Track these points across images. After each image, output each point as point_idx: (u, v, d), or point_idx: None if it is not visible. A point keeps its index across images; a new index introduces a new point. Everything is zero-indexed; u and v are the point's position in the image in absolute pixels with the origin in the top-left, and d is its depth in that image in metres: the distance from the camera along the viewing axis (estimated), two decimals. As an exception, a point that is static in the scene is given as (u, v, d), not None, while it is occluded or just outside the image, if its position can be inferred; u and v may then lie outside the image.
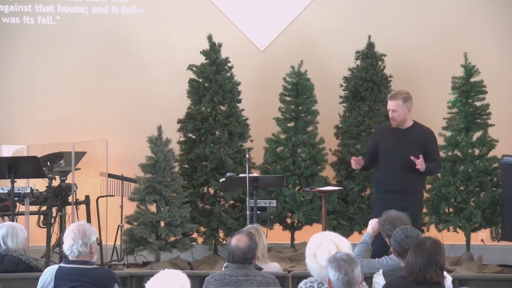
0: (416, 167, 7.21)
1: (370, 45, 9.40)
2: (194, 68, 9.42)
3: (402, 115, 7.39)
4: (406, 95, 7.43)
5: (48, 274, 5.17)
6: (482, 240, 9.46)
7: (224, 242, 9.17)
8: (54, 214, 8.78)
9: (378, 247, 6.69)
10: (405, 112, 7.40)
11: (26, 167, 8.01)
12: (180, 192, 8.82)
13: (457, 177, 9.00)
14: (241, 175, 7.79)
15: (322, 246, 4.68)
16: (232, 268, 5.16)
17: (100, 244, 8.96)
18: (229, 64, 9.49)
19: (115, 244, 9.19)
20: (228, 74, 9.44)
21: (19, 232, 6.08)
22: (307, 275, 4.83)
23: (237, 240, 5.14)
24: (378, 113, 9.29)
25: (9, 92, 10.09)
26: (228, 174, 7.91)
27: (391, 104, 7.40)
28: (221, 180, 8.06)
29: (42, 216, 8.72)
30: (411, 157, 7.24)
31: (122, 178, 9.23)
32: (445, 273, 4.98)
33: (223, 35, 9.55)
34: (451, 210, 9.09)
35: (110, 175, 9.21)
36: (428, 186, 9.16)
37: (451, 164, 9.07)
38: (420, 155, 7.24)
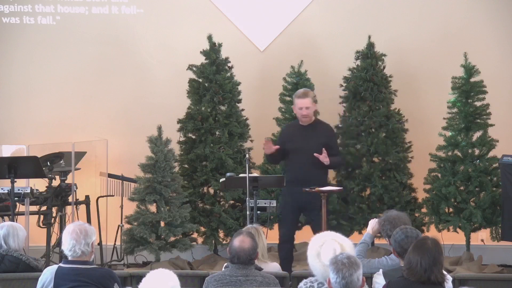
0: (322, 160, 7.84)
1: (370, 45, 9.40)
2: (194, 68, 9.42)
3: (312, 112, 8.14)
4: (313, 93, 8.23)
5: (48, 274, 5.18)
6: (482, 240, 9.46)
7: (224, 242, 9.16)
8: (54, 214, 8.77)
9: None
10: (314, 109, 8.20)
11: (26, 167, 8.01)
12: (180, 192, 8.82)
13: (457, 177, 9.00)
14: (241, 175, 7.79)
15: (326, 246, 4.65)
16: (232, 268, 5.16)
17: (100, 244, 8.97)
18: (229, 64, 9.49)
19: (115, 244, 9.19)
20: (228, 74, 9.45)
21: (19, 232, 6.09)
22: (307, 275, 4.82)
23: (241, 242, 5.14)
24: (378, 113, 9.29)
25: (9, 92, 10.09)
26: (228, 174, 7.91)
27: (305, 102, 8.08)
28: (221, 180, 8.06)
29: (42, 216, 8.71)
30: (315, 154, 7.85)
31: (122, 178, 9.22)
32: (446, 274, 4.99)
33: (223, 35, 9.55)
34: (451, 210, 9.09)
35: (110, 175, 9.21)
36: (428, 186, 9.18)
37: (451, 164, 9.07)
38: (323, 149, 7.85)
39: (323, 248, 4.65)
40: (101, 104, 10.08)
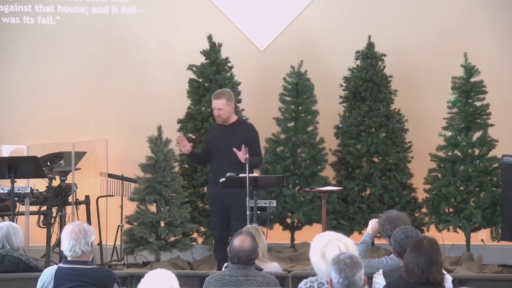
0: (239, 157, 7.81)
1: (370, 45, 9.40)
2: (194, 68, 9.42)
3: (226, 113, 8.13)
4: (229, 94, 8.20)
5: (48, 274, 5.17)
6: (482, 240, 9.46)
7: (224, 242, 9.16)
8: (54, 214, 8.77)
9: None
10: (229, 109, 8.16)
11: (26, 167, 8.01)
12: (180, 192, 8.81)
13: (457, 177, 9.00)
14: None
15: (331, 246, 4.62)
16: (232, 268, 5.16)
17: (100, 244, 8.97)
18: (229, 64, 9.50)
19: (115, 244, 9.19)
20: (228, 74, 9.45)
21: (19, 231, 6.10)
22: (307, 275, 4.82)
23: (241, 242, 5.14)
24: (378, 113, 9.30)
25: (9, 92, 10.09)
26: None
27: (216, 103, 8.13)
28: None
29: (42, 216, 8.71)
30: (234, 149, 7.87)
31: (122, 178, 9.22)
32: (445, 273, 4.98)
33: (223, 35, 9.56)
34: (451, 210, 9.09)
35: (110, 175, 9.21)
36: (428, 186, 9.18)
37: (451, 164, 9.07)
38: (243, 145, 7.80)
39: (328, 248, 4.62)
40: (101, 104, 10.08)
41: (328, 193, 8.51)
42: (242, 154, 7.82)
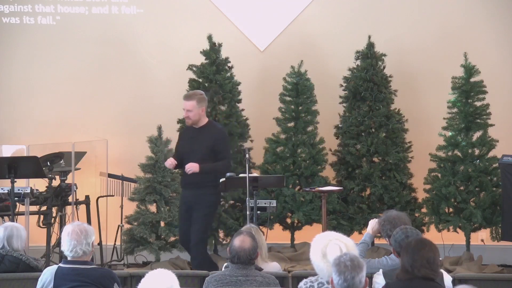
0: (186, 172, 7.63)
1: (370, 45, 9.41)
2: (194, 68, 9.42)
3: (196, 115, 7.86)
4: (200, 96, 7.94)
5: (48, 274, 5.18)
6: (482, 240, 9.47)
7: (224, 242, 9.17)
8: (54, 214, 8.78)
9: None
10: (199, 112, 7.87)
11: (26, 167, 8.01)
12: (180, 192, 8.81)
13: (457, 177, 9.01)
14: (241, 175, 7.80)
15: (332, 246, 4.63)
16: (232, 268, 5.16)
17: (100, 244, 8.97)
18: (229, 64, 9.50)
19: (115, 244, 9.20)
20: (228, 74, 9.45)
21: (22, 233, 6.10)
22: (307, 275, 4.82)
23: (241, 242, 5.14)
24: (378, 113, 9.30)
25: (9, 92, 10.10)
26: (228, 174, 7.92)
27: (186, 104, 7.91)
28: (221, 180, 8.08)
29: (42, 216, 8.72)
30: (186, 166, 7.66)
31: (122, 178, 9.23)
32: (444, 272, 4.98)
33: (223, 35, 9.56)
34: (451, 210, 9.09)
35: (110, 175, 9.22)
36: (428, 186, 9.19)
37: (451, 164, 9.07)
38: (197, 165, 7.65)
39: (329, 248, 4.63)
40: (101, 104, 10.08)
41: (328, 193, 8.51)
42: (188, 167, 7.63)
